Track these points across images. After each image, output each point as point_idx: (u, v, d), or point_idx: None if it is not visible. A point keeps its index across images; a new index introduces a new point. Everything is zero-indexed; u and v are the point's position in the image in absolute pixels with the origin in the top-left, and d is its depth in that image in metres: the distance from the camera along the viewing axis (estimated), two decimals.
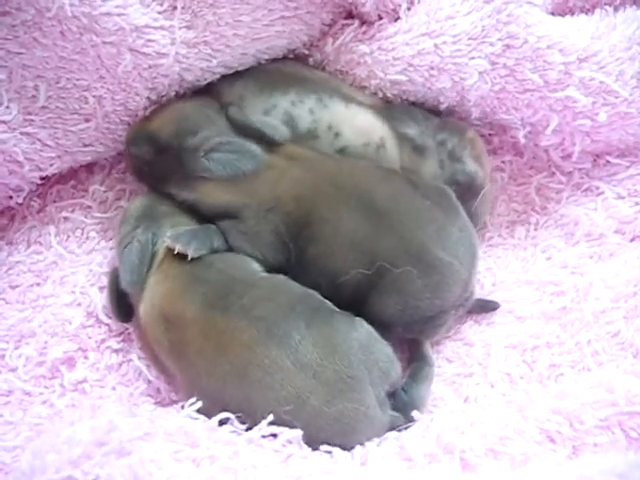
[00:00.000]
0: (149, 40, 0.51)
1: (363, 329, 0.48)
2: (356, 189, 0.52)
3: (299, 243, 0.52)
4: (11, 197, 0.56)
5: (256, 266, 0.53)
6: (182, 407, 0.45)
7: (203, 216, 0.55)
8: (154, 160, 0.54)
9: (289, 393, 0.45)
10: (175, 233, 0.51)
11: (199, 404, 0.44)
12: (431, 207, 0.52)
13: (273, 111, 0.55)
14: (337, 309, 0.50)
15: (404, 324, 0.51)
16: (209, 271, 0.51)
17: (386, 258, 0.50)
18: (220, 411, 0.44)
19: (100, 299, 0.55)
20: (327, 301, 0.50)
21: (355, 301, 0.51)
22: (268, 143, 0.54)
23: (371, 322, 0.49)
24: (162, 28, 0.52)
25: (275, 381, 0.45)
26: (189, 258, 0.50)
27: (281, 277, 0.51)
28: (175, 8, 0.52)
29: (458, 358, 0.55)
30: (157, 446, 0.40)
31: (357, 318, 0.49)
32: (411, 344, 0.54)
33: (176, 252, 0.50)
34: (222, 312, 0.48)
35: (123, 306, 0.54)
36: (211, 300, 0.49)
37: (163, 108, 0.55)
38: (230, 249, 0.53)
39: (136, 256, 0.52)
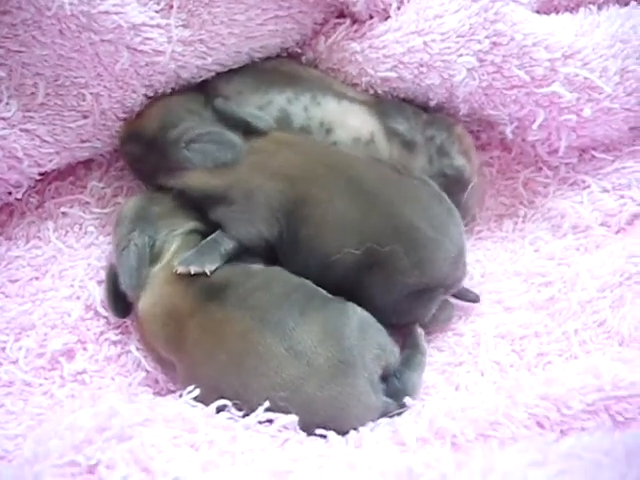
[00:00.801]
0: (146, 38, 0.52)
1: (356, 315, 0.49)
2: (346, 171, 0.53)
3: (292, 222, 0.52)
4: (10, 193, 0.57)
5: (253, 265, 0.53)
6: (180, 395, 0.46)
7: (195, 206, 0.56)
8: (144, 156, 0.56)
9: (284, 380, 0.46)
10: (183, 259, 0.52)
11: (197, 392, 0.45)
12: (417, 187, 0.54)
13: (268, 107, 0.57)
14: (331, 296, 0.50)
15: (394, 303, 0.52)
16: None
17: (374, 237, 0.51)
18: (217, 399, 0.45)
19: (98, 292, 0.56)
20: (321, 289, 0.51)
21: (347, 283, 0.51)
22: (254, 132, 0.55)
23: (364, 306, 0.50)
24: (159, 26, 0.53)
25: (270, 368, 0.46)
26: (208, 274, 0.51)
27: (277, 268, 0.52)
28: (172, 7, 0.53)
29: (449, 347, 0.56)
30: (157, 431, 0.41)
31: (350, 303, 0.50)
32: (404, 333, 0.55)
33: (193, 274, 0.50)
34: (219, 303, 0.49)
35: (120, 302, 0.54)
36: (209, 293, 0.50)
37: (150, 105, 0.57)
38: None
39: (134, 260, 0.52)
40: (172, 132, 0.54)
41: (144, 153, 0.55)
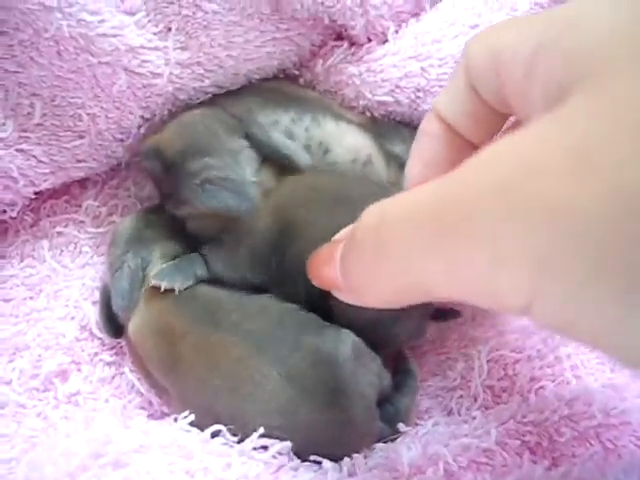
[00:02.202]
0: (144, 60, 0.52)
1: (351, 341, 0.48)
2: (333, 190, 0.52)
3: (279, 250, 0.51)
4: (5, 211, 0.57)
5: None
6: (175, 420, 0.46)
7: (190, 237, 0.55)
8: (163, 175, 0.54)
9: (279, 405, 0.46)
10: (158, 271, 0.52)
11: (192, 417, 0.45)
12: None
13: (275, 126, 0.56)
14: (325, 322, 0.50)
15: (375, 322, 0.51)
16: (195, 291, 0.52)
17: None
18: (212, 423, 0.45)
19: (93, 313, 0.55)
20: (314, 315, 0.50)
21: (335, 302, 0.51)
22: (290, 168, 0.54)
23: (353, 326, 0.49)
24: (157, 49, 0.53)
25: (265, 393, 0.46)
26: (177, 292, 0.51)
27: (267, 296, 0.52)
28: (170, 29, 0.53)
29: (442, 372, 0.56)
30: (152, 458, 0.41)
31: (345, 330, 0.49)
32: (395, 357, 0.55)
33: (163, 290, 0.50)
34: (213, 328, 0.49)
35: (114, 323, 0.54)
36: (200, 316, 0.50)
37: (178, 120, 0.55)
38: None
39: (127, 281, 0.52)
40: (191, 164, 0.52)
41: (163, 173, 0.53)
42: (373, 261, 0.34)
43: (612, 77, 0.24)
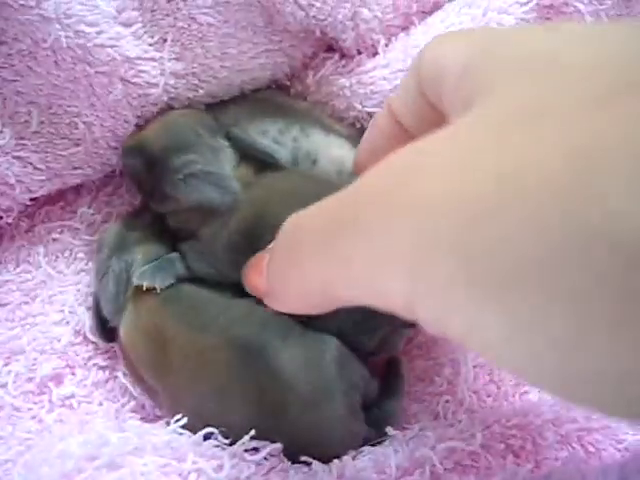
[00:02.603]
0: (140, 71, 0.53)
1: (334, 344, 0.49)
2: (311, 188, 0.52)
3: (254, 244, 0.49)
4: (1, 217, 0.58)
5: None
6: (167, 423, 0.47)
7: (172, 236, 0.56)
8: (144, 173, 0.54)
9: (267, 407, 0.47)
10: (140, 272, 0.53)
11: (184, 420, 0.46)
12: None
13: (264, 136, 0.57)
14: (308, 329, 0.50)
15: (340, 331, 0.51)
16: (179, 293, 0.53)
17: None
18: (202, 426, 0.46)
19: (87, 318, 0.56)
20: (297, 322, 0.50)
21: None
22: (270, 166, 0.55)
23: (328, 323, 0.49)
24: (152, 59, 0.54)
25: (253, 396, 0.47)
26: (158, 290, 0.51)
27: (250, 300, 0.51)
28: (165, 41, 0.54)
29: (429, 377, 0.57)
30: (146, 460, 0.42)
31: (328, 336, 0.50)
32: (388, 361, 0.56)
33: (145, 289, 0.51)
34: (200, 331, 0.49)
35: (106, 328, 0.55)
36: (187, 319, 0.50)
37: (160, 119, 0.56)
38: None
39: (113, 286, 0.53)
40: (175, 160, 0.53)
41: (144, 170, 0.54)
42: (287, 267, 0.36)
43: (491, 95, 0.27)
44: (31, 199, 0.58)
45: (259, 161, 0.55)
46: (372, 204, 0.28)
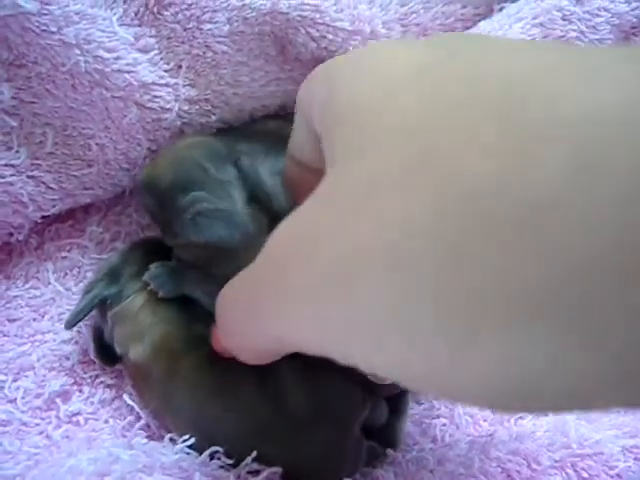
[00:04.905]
0: (155, 96, 0.55)
1: (332, 370, 0.50)
2: None
3: None
4: (12, 234, 0.59)
5: None
6: (172, 440, 0.48)
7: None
8: (157, 211, 0.54)
9: (268, 431, 0.48)
10: (154, 271, 0.53)
11: (192, 440, 0.47)
12: None
13: (280, 177, 0.53)
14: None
15: None
16: (198, 311, 0.53)
17: None
18: (208, 445, 0.47)
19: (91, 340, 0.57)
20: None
21: None
22: (269, 211, 0.52)
23: None
24: (167, 85, 0.55)
25: (254, 420, 0.48)
26: (159, 295, 0.52)
27: None
28: (180, 67, 0.56)
29: (427, 400, 0.59)
30: (155, 479, 0.43)
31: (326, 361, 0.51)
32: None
33: (149, 289, 0.52)
34: (207, 351, 0.48)
35: (106, 352, 0.55)
36: (197, 340, 0.50)
37: (167, 151, 0.55)
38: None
39: (85, 303, 0.53)
40: (181, 198, 0.51)
41: (157, 208, 0.53)
42: (230, 332, 0.41)
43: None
44: (42, 217, 0.59)
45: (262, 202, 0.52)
46: (275, 271, 0.32)
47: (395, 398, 0.55)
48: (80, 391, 0.56)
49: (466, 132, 0.24)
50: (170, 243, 0.54)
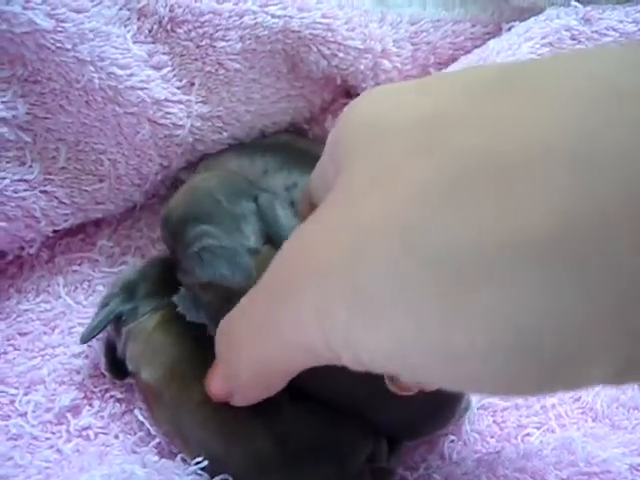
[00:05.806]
0: (167, 113, 0.55)
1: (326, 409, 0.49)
2: None
3: None
4: (23, 248, 0.59)
5: None
6: (184, 461, 0.48)
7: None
8: (171, 245, 0.53)
9: (270, 465, 0.47)
10: (180, 295, 0.51)
11: (205, 463, 0.47)
12: None
13: (294, 189, 0.56)
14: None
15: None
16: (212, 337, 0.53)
17: None
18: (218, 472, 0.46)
19: (103, 355, 0.56)
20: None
21: None
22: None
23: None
24: (180, 102, 0.56)
25: (257, 451, 0.47)
26: (187, 319, 0.50)
27: None
28: (193, 84, 0.56)
29: None
30: None
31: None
32: None
33: (166, 309, 0.52)
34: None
35: (117, 367, 0.55)
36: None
37: (186, 183, 0.54)
38: None
39: (100, 318, 0.53)
40: (189, 231, 0.50)
41: (170, 241, 0.52)
42: (235, 360, 0.42)
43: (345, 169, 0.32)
44: (54, 231, 0.59)
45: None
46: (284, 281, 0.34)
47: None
48: (90, 405, 0.55)
49: None
50: (180, 279, 0.52)
